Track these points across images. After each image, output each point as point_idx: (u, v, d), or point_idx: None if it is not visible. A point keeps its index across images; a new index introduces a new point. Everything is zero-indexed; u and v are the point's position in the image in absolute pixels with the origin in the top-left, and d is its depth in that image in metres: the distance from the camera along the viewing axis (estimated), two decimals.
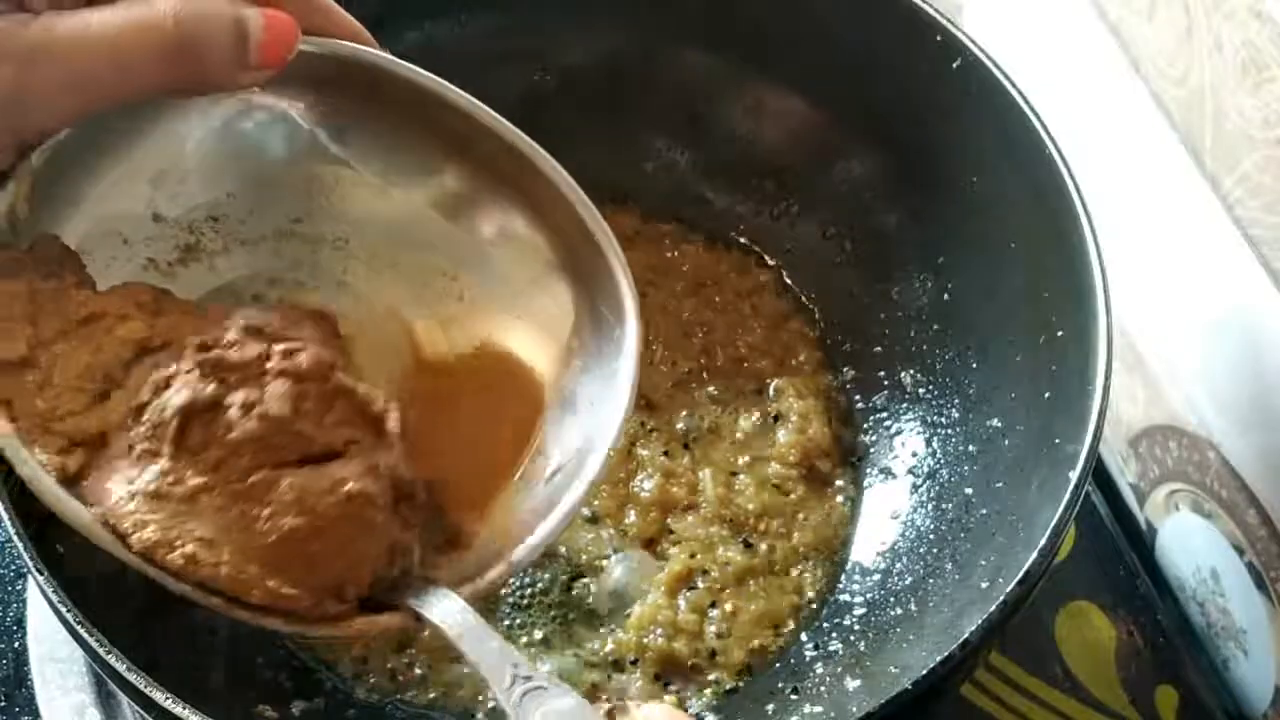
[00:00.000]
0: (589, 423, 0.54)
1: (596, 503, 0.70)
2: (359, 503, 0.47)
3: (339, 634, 0.49)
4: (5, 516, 0.54)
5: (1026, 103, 0.65)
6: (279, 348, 0.49)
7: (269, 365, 0.48)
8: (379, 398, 0.50)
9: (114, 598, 0.56)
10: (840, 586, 0.69)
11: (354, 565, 0.48)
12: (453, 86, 0.54)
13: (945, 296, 0.73)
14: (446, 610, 0.48)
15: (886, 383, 0.74)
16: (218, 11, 0.46)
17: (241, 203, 0.55)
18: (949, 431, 0.71)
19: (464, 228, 0.57)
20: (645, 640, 0.66)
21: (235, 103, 0.54)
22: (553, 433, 0.55)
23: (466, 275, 0.58)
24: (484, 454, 0.55)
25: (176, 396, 0.48)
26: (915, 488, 0.70)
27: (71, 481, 0.47)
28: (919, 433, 0.72)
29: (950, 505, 0.68)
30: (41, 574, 0.53)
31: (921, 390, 0.73)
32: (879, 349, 0.75)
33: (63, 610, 0.53)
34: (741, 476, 0.71)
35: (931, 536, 0.67)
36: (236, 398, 0.48)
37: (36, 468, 0.46)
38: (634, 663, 0.65)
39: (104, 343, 0.48)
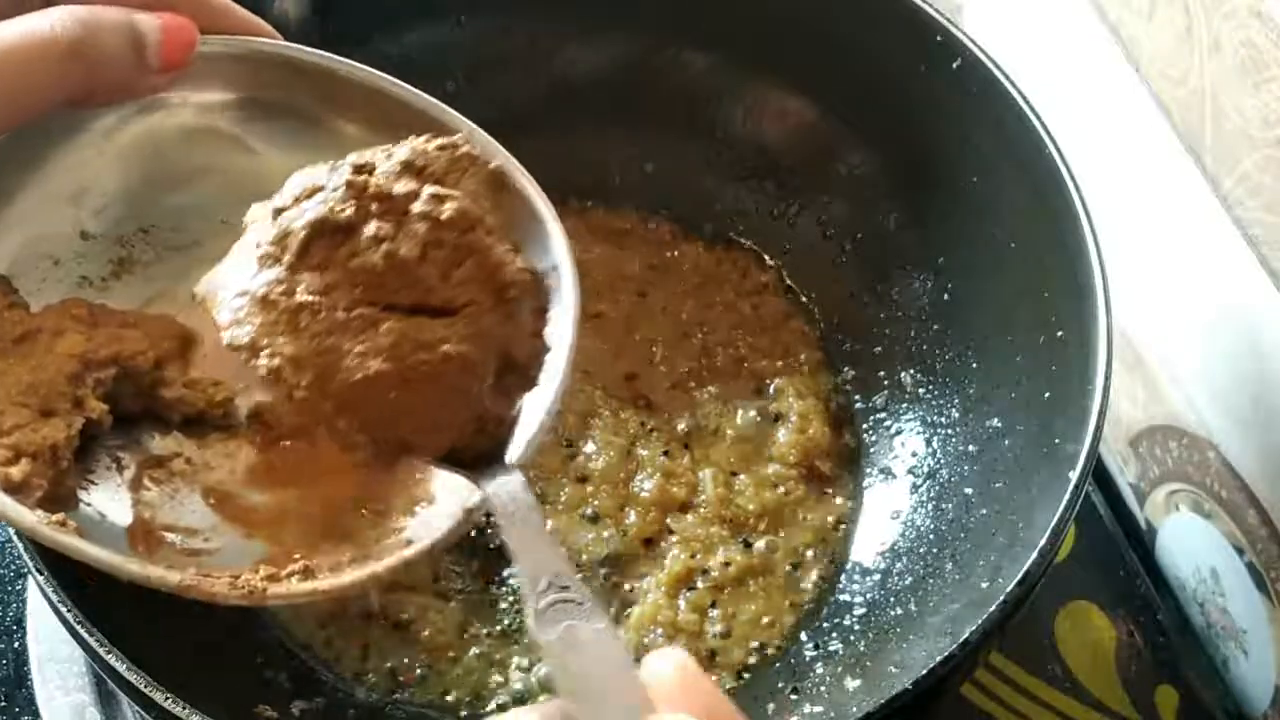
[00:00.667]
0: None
1: (596, 502, 0.70)
2: (455, 365, 0.46)
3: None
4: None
5: (1026, 103, 0.65)
6: (429, 190, 0.48)
7: (414, 207, 0.47)
8: (513, 266, 0.48)
9: (114, 598, 0.56)
10: (840, 586, 0.69)
11: (431, 428, 0.47)
12: (358, 64, 0.54)
13: (945, 296, 0.73)
14: (507, 488, 0.46)
15: (886, 383, 0.74)
16: (111, 18, 0.46)
17: (168, 210, 0.55)
18: (949, 431, 0.71)
19: None
20: (645, 640, 0.66)
21: (145, 109, 0.53)
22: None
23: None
24: None
25: (313, 210, 0.47)
26: (915, 488, 0.70)
27: (16, 490, 0.45)
28: (919, 433, 0.72)
29: (950, 505, 0.68)
30: (41, 574, 0.53)
31: (921, 390, 0.73)
32: (879, 349, 0.75)
33: (63, 610, 0.53)
34: (741, 476, 0.71)
35: (931, 536, 0.67)
36: (370, 228, 0.47)
37: None
38: (635, 662, 0.65)
39: (43, 360, 0.47)
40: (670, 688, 0.39)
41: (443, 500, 0.50)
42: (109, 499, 0.49)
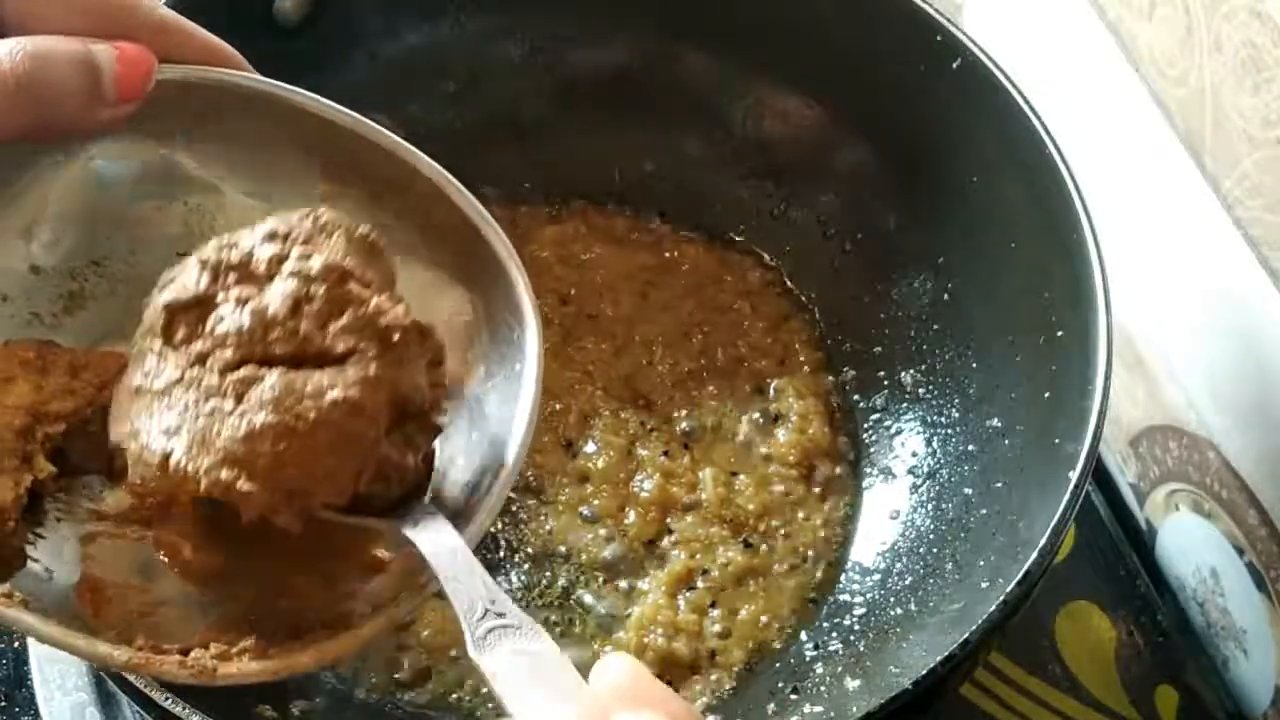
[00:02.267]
0: (500, 427, 0.52)
1: (596, 502, 0.70)
2: (343, 411, 0.44)
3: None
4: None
5: (1026, 103, 0.65)
6: (297, 250, 0.46)
7: (282, 267, 0.46)
8: (394, 310, 0.47)
9: None
10: (840, 586, 0.69)
11: (326, 475, 0.45)
12: (320, 98, 0.52)
13: (945, 296, 0.73)
14: (433, 533, 0.46)
15: (886, 383, 0.74)
16: (65, 50, 0.45)
17: (122, 242, 0.53)
18: (949, 431, 0.71)
19: None
20: (645, 640, 0.66)
21: (99, 142, 0.51)
22: (461, 445, 0.53)
23: None
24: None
25: (166, 292, 0.46)
26: (915, 488, 0.70)
27: None
28: (919, 433, 0.72)
29: (950, 505, 0.68)
30: None
31: (921, 390, 0.73)
32: (879, 349, 0.75)
33: None
34: (741, 476, 0.71)
35: (931, 536, 0.67)
36: (232, 293, 0.46)
37: None
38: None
39: None
40: (625, 690, 0.38)
41: (395, 565, 0.50)
42: (56, 555, 0.48)
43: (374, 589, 0.50)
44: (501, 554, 0.69)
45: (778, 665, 0.66)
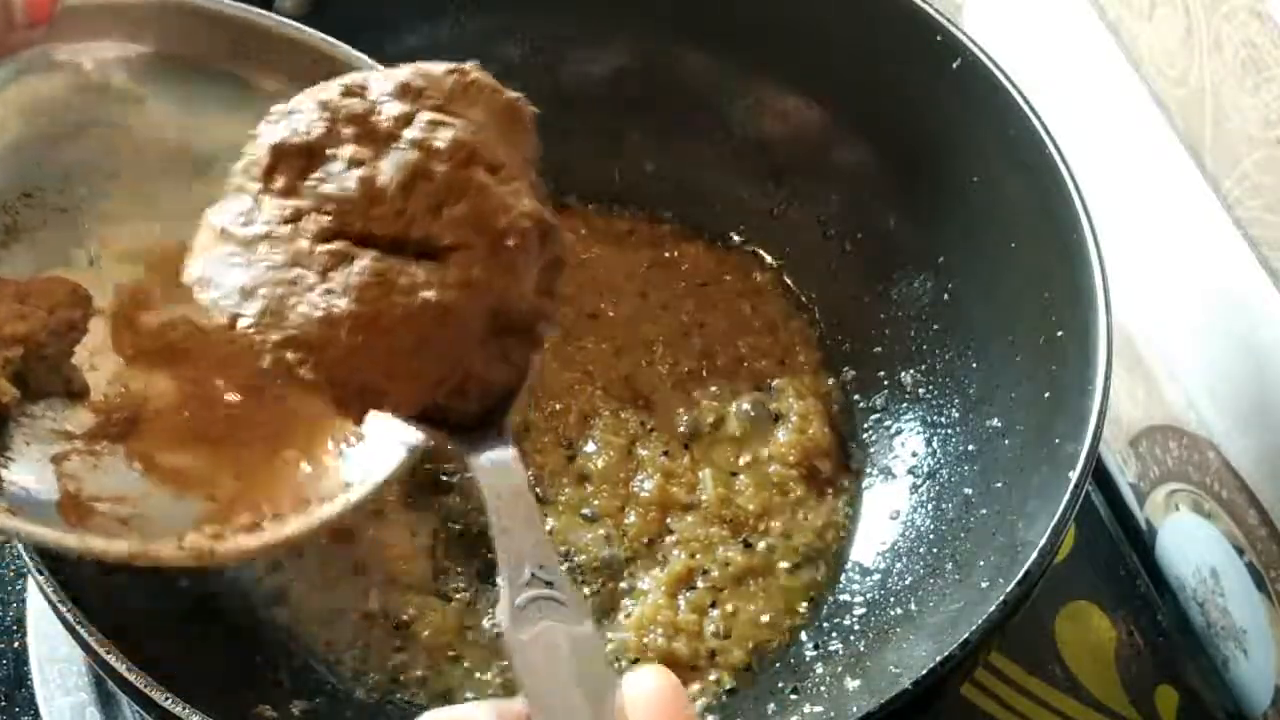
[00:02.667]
0: None
1: (596, 502, 0.70)
2: (433, 314, 0.40)
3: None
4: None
5: (1026, 103, 0.65)
6: (425, 116, 0.42)
7: (405, 132, 0.42)
8: (516, 209, 0.42)
9: (114, 598, 0.56)
10: (840, 586, 0.69)
11: (401, 379, 0.41)
12: (273, 14, 0.53)
13: (945, 296, 0.73)
14: (496, 461, 0.41)
15: (886, 383, 0.74)
16: None
17: (52, 172, 0.53)
18: (949, 431, 0.71)
19: None
20: (645, 640, 0.66)
21: (30, 68, 0.51)
22: None
23: None
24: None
25: (275, 131, 0.42)
26: (915, 488, 0.70)
27: None
28: (919, 433, 0.72)
29: (950, 505, 0.68)
30: (41, 574, 0.53)
31: (921, 390, 0.73)
32: (879, 349, 0.75)
33: (63, 610, 0.53)
34: (741, 476, 0.71)
35: (931, 536, 0.67)
36: (345, 150, 0.41)
37: None
38: (634, 662, 0.65)
39: None
40: (654, 708, 0.35)
41: (375, 439, 0.48)
42: (31, 475, 0.48)
43: (356, 459, 0.49)
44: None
45: (778, 665, 0.66)
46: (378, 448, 0.49)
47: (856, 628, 0.66)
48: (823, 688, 0.63)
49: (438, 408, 0.42)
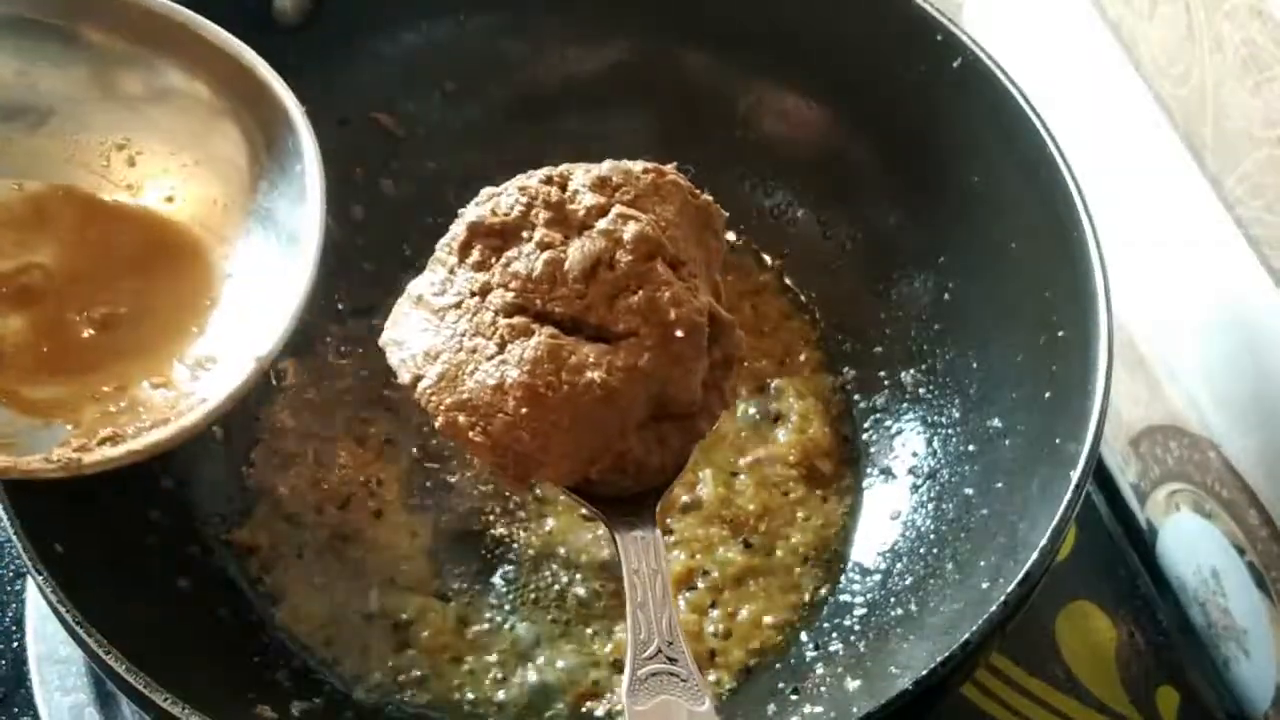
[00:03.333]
0: (295, 224, 0.57)
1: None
2: (596, 394, 0.44)
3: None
4: (5, 516, 0.54)
5: (1027, 102, 0.65)
6: (617, 209, 0.46)
7: (598, 223, 0.45)
8: (690, 305, 0.46)
9: (114, 599, 0.56)
10: (840, 586, 0.69)
11: (559, 452, 0.45)
12: None
13: (945, 296, 0.73)
14: (643, 542, 0.45)
15: (886, 383, 0.74)
16: None
17: None
18: (949, 431, 0.71)
19: (115, 97, 0.60)
20: None
21: None
22: (249, 249, 0.58)
23: (135, 139, 0.60)
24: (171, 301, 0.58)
25: (474, 210, 0.46)
26: (915, 488, 0.70)
27: None
28: (919, 433, 0.72)
29: (950, 505, 0.68)
30: (41, 574, 0.53)
31: (921, 390, 0.73)
32: (879, 349, 0.75)
33: (62, 610, 0.53)
34: (741, 476, 0.71)
35: (932, 537, 0.67)
36: (538, 232, 0.45)
37: None
38: None
39: None
40: None
41: (226, 359, 0.54)
42: None
43: (211, 379, 0.54)
44: (501, 553, 0.69)
45: (778, 665, 0.66)
46: (229, 366, 0.54)
47: (857, 628, 0.66)
48: (823, 688, 0.63)
49: (591, 482, 0.46)
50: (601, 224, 0.45)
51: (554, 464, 0.45)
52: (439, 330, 0.45)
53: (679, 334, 0.45)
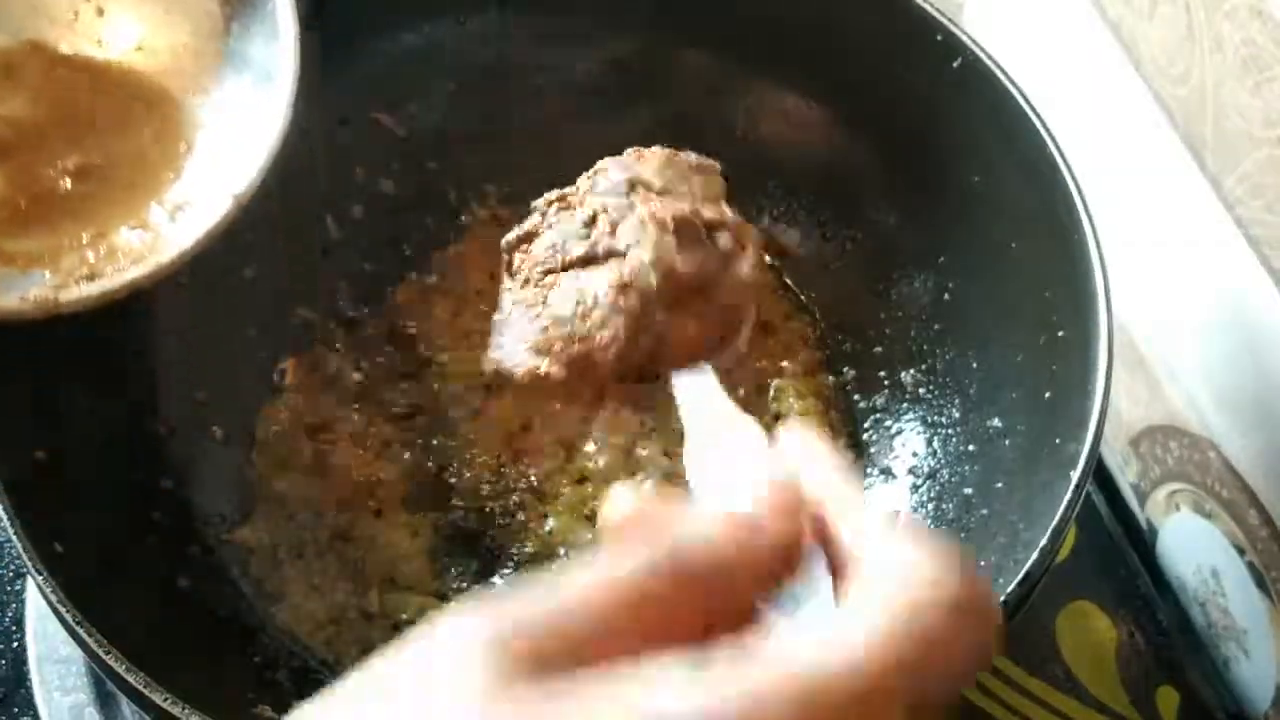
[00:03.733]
0: (266, 61, 0.58)
1: (596, 502, 0.69)
2: (616, 293, 0.52)
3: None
4: (5, 516, 0.54)
5: (1027, 102, 0.65)
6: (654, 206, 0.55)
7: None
8: (669, 208, 0.55)
9: (114, 598, 0.56)
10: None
11: (604, 347, 0.53)
12: None
13: (945, 296, 0.73)
14: (696, 386, 0.52)
15: (886, 383, 0.74)
16: None
17: None
18: (949, 431, 0.71)
19: None
20: None
21: None
22: (223, 93, 0.59)
23: None
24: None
25: (506, 236, 0.56)
26: (915, 488, 0.70)
27: None
28: (919, 433, 0.72)
29: (950, 505, 0.68)
30: (41, 574, 0.53)
31: (922, 390, 0.73)
32: (879, 349, 0.75)
33: (62, 610, 0.53)
34: None
35: None
36: (549, 220, 0.55)
37: None
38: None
39: None
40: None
41: (204, 200, 0.56)
42: None
43: (187, 220, 0.56)
44: (501, 553, 0.69)
45: None
46: (207, 207, 0.56)
47: None
48: None
49: (647, 366, 0.55)
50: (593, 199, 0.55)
51: (605, 358, 0.53)
52: (507, 330, 0.54)
53: (669, 223, 0.54)
